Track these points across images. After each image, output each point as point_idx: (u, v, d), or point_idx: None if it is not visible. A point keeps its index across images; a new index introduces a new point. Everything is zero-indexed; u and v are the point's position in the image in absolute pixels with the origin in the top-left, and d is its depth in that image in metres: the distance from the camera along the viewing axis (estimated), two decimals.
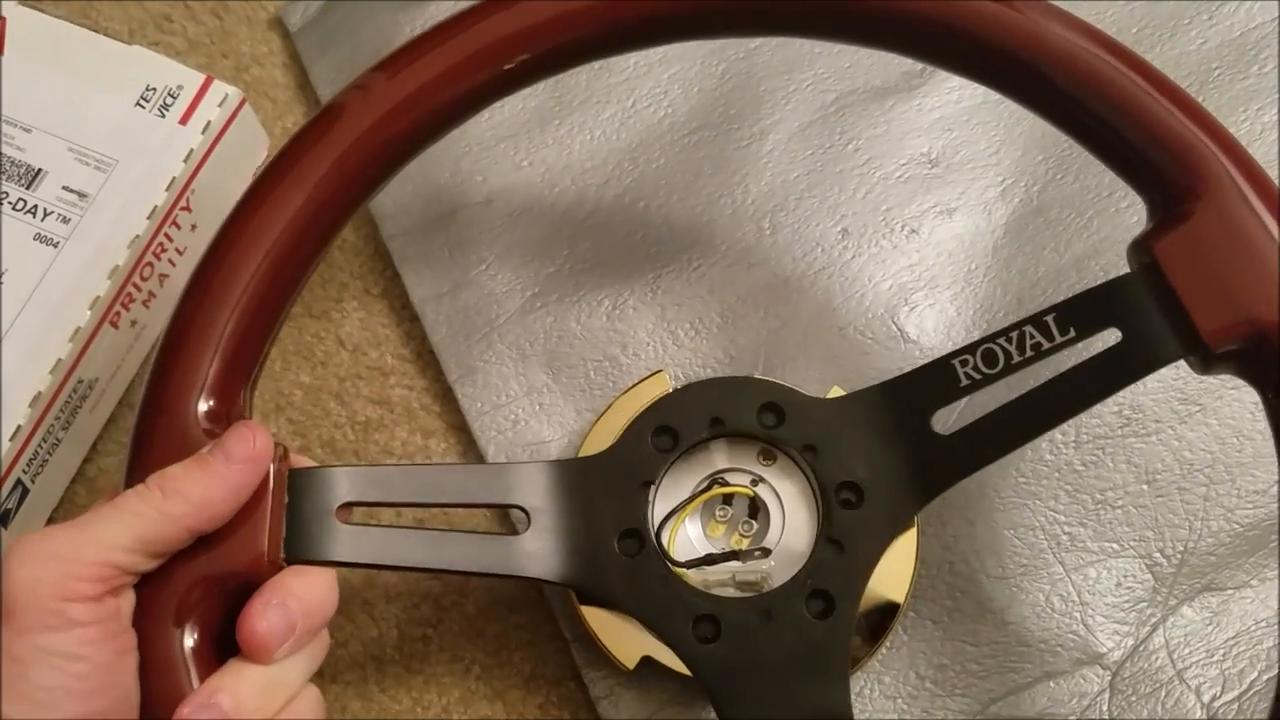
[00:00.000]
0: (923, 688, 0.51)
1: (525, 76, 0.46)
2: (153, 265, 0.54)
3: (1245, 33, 0.60)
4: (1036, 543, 0.53)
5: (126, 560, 0.37)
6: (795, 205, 0.59)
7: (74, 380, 0.52)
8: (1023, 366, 0.42)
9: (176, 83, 0.55)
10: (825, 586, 0.42)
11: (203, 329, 0.41)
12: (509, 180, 0.60)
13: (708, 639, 0.42)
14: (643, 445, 0.44)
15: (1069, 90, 0.42)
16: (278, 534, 0.40)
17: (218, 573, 0.39)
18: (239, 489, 0.39)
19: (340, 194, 0.44)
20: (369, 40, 0.63)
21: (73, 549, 0.37)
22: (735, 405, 0.45)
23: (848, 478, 0.43)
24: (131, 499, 0.38)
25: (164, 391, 0.41)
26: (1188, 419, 0.54)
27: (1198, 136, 0.41)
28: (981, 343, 0.42)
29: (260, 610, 0.38)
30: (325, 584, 0.40)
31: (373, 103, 0.44)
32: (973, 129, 0.60)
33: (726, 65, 0.62)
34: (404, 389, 0.57)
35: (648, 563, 0.43)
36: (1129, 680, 0.51)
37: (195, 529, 0.38)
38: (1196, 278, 0.40)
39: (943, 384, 0.42)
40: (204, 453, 0.39)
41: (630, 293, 0.58)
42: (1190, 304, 0.40)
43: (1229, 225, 0.40)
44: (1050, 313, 0.42)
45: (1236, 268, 0.40)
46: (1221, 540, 0.52)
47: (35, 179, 0.53)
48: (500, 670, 0.53)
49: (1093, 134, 0.43)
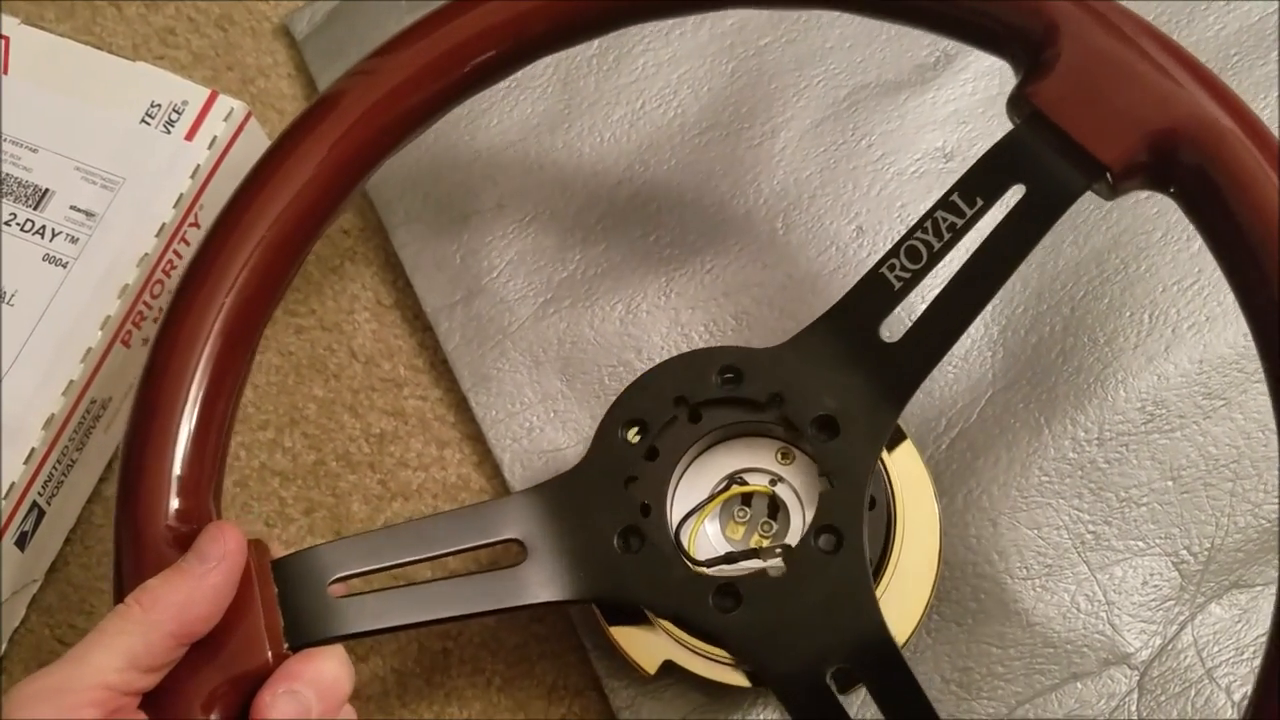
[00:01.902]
0: (948, 690, 0.51)
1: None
2: (162, 282, 0.54)
3: (1264, 18, 0.59)
4: (1061, 542, 0.52)
5: (120, 680, 0.37)
6: (809, 203, 0.58)
7: (87, 400, 0.52)
8: (945, 251, 0.43)
9: (181, 98, 0.55)
10: (829, 521, 0.43)
11: (158, 436, 0.41)
12: (519, 185, 0.60)
13: (730, 609, 0.42)
14: (616, 443, 0.45)
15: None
16: (276, 626, 0.40)
17: (229, 677, 0.39)
18: (219, 588, 0.39)
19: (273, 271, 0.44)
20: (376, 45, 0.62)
21: (66, 681, 0.36)
22: (693, 378, 0.45)
23: (819, 411, 0.44)
24: (114, 619, 0.38)
25: (131, 506, 0.41)
26: (1212, 414, 0.53)
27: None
28: (901, 242, 0.44)
29: (269, 702, 0.38)
30: (335, 662, 0.40)
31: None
32: (988, 121, 0.59)
33: (736, 63, 0.61)
34: (418, 400, 0.57)
35: (651, 554, 0.43)
36: (1158, 680, 0.50)
37: (182, 635, 0.38)
38: (1079, 111, 0.41)
39: (878, 294, 0.44)
40: (179, 561, 0.39)
41: (643, 296, 0.57)
42: (1081, 136, 0.41)
43: (1093, 52, 0.41)
44: (953, 191, 0.43)
45: (1113, 89, 0.41)
46: (1249, 536, 0.51)
47: (43, 199, 0.53)
48: (521, 682, 0.53)
49: (941, 16, 0.44)
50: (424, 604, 0.42)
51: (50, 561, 0.55)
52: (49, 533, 0.53)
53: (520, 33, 0.46)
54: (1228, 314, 0.54)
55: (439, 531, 0.43)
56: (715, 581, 0.42)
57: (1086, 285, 0.55)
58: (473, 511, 0.44)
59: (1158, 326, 0.54)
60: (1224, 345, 0.54)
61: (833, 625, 0.41)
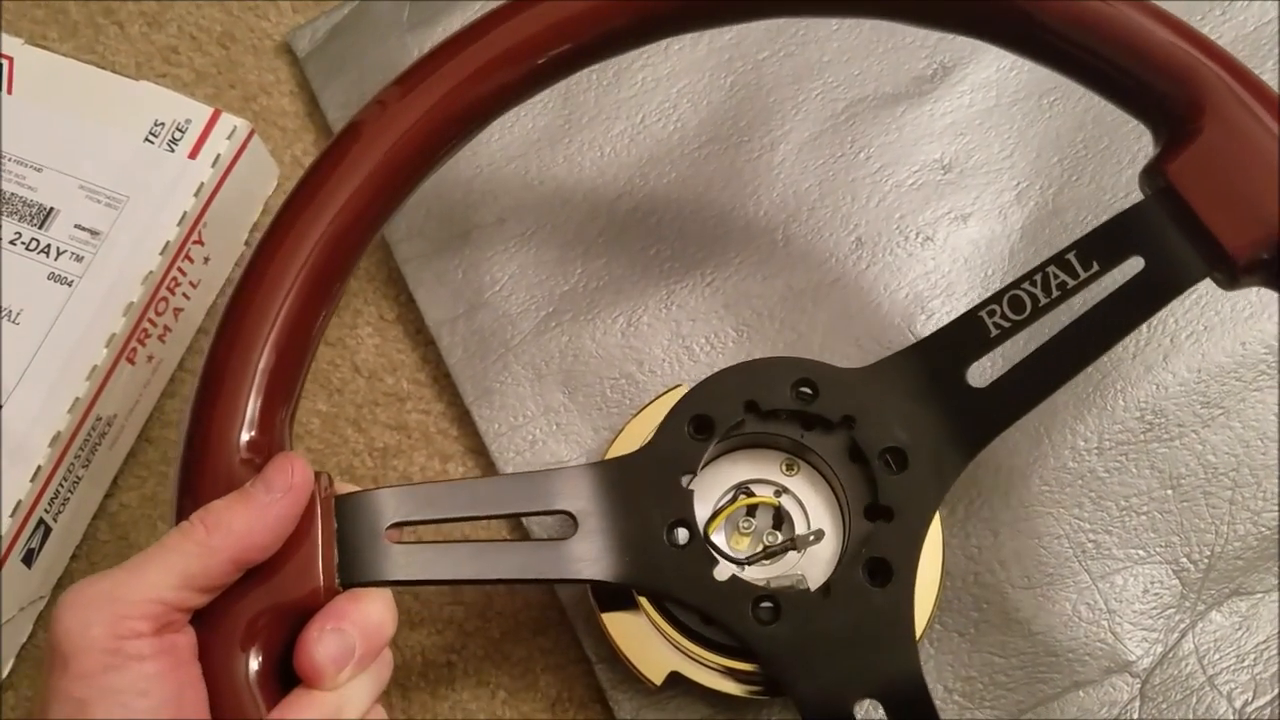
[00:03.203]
0: (951, 700, 0.51)
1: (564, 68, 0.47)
2: (167, 300, 0.54)
3: (1259, 27, 0.59)
4: (1062, 551, 0.52)
5: (175, 597, 0.37)
6: (808, 216, 0.59)
7: (93, 418, 0.52)
8: (1051, 308, 0.42)
9: (184, 116, 0.55)
10: (882, 554, 0.42)
11: (239, 364, 0.42)
12: (521, 200, 0.60)
13: (767, 621, 0.42)
14: (679, 437, 0.44)
15: (1061, 29, 0.42)
16: (331, 561, 0.41)
17: (277, 604, 0.39)
18: (281, 519, 0.39)
19: (365, 212, 0.44)
20: (378, 63, 0.63)
21: (121, 590, 0.37)
22: (768, 385, 0.45)
23: (890, 443, 0.43)
24: (176, 537, 0.38)
25: (205, 429, 0.41)
26: (1210, 422, 0.53)
27: (1193, 55, 0.41)
28: (1007, 290, 0.42)
29: (316, 637, 0.39)
30: (381, 605, 0.41)
31: (390, 119, 0.44)
32: (985, 133, 0.59)
33: (735, 77, 0.61)
34: (420, 414, 0.57)
35: (699, 551, 0.43)
36: (1159, 688, 0.50)
37: (240, 561, 0.39)
38: (1212, 193, 0.40)
39: (973, 337, 0.43)
40: (246, 487, 0.40)
41: (645, 309, 0.58)
42: (1210, 220, 0.40)
43: (1236, 136, 0.40)
44: (1071, 250, 0.42)
45: (1250, 177, 0.40)
46: (1249, 544, 0.52)
47: (48, 218, 0.54)
48: (526, 694, 0.53)
49: (1089, 69, 0.43)
50: (473, 562, 0.42)
51: (57, 578, 0.55)
52: (56, 550, 0.54)
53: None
54: (1225, 323, 0.54)
55: (497, 493, 0.44)
56: (756, 591, 0.42)
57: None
58: (529, 478, 0.44)
59: (1156, 336, 0.55)
60: (1222, 354, 0.54)
61: (868, 658, 0.41)
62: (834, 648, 0.41)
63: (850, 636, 0.41)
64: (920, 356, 0.43)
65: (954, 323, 0.43)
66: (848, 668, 0.41)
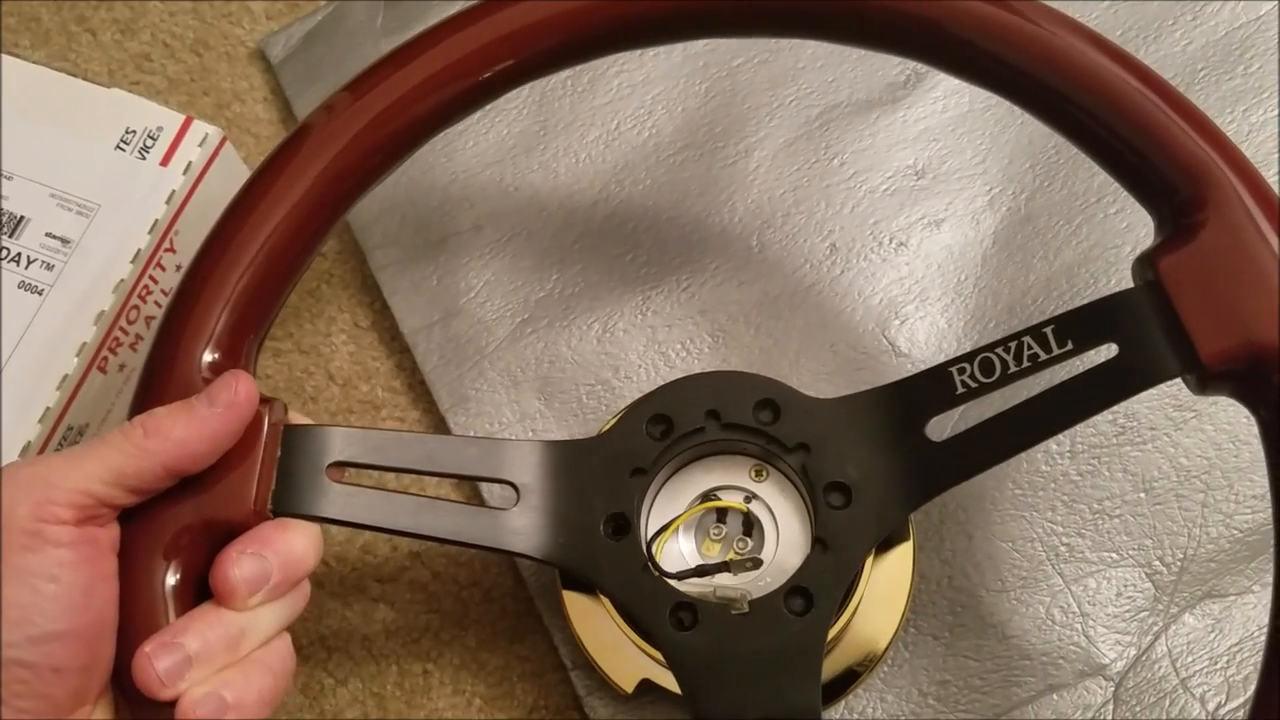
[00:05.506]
0: (926, 704, 0.51)
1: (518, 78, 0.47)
2: (138, 308, 0.54)
3: (1230, 32, 0.60)
4: (1035, 555, 0.52)
5: (104, 491, 0.38)
6: (783, 222, 0.59)
7: (63, 428, 0.52)
8: (1019, 377, 0.42)
9: (156, 124, 0.55)
10: (805, 584, 0.42)
11: (215, 283, 0.43)
12: (496, 207, 0.60)
13: (684, 626, 0.42)
14: (636, 432, 0.45)
15: (1084, 104, 0.42)
16: (267, 486, 0.41)
17: (205, 518, 0.40)
18: (218, 433, 0.40)
19: (364, 158, 0.45)
20: (352, 70, 0.62)
21: (54, 476, 0.38)
22: (732, 398, 0.45)
23: (838, 478, 0.43)
24: (115, 435, 0.39)
25: (171, 342, 0.42)
26: (1183, 425, 0.53)
27: (1209, 154, 0.41)
28: (979, 352, 0.42)
29: (234, 558, 0.40)
30: (307, 539, 0.41)
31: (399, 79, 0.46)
32: (958, 139, 0.59)
33: (710, 84, 0.62)
34: (396, 421, 0.57)
35: (631, 548, 0.43)
36: (1133, 691, 0.50)
37: (173, 468, 0.39)
38: (1198, 299, 0.40)
39: (939, 391, 0.43)
40: (191, 399, 0.40)
41: (620, 315, 0.58)
42: (1191, 326, 0.40)
43: (1234, 245, 0.40)
44: (1049, 324, 0.42)
45: (1239, 289, 0.40)
46: (1222, 546, 0.52)
47: (18, 227, 0.53)
48: (502, 702, 0.53)
49: (1104, 147, 0.43)
50: (408, 515, 0.43)
51: None
52: None
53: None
54: None
55: (445, 451, 0.44)
56: (679, 596, 0.43)
57: (1057, 299, 0.56)
58: (479, 443, 0.44)
59: None
60: None
61: (772, 687, 0.41)
62: (741, 669, 0.41)
63: (759, 660, 0.41)
64: (886, 400, 0.43)
65: (924, 374, 0.43)
66: (751, 691, 0.41)
